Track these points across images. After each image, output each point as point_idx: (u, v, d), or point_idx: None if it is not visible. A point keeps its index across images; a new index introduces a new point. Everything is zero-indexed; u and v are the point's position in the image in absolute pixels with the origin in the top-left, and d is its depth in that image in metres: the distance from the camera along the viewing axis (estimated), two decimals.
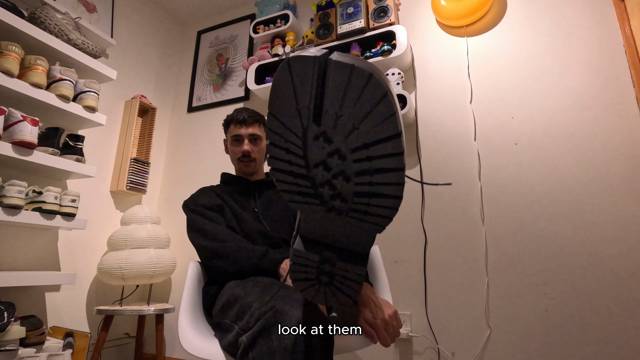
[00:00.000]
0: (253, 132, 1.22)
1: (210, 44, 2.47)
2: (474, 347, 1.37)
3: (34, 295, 1.56)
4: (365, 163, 0.44)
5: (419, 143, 1.66)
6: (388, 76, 1.65)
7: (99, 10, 1.99)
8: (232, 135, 1.23)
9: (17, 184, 1.31)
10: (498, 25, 1.64)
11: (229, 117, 1.26)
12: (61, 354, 1.36)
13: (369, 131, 0.42)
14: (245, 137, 1.21)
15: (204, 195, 1.17)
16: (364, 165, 0.45)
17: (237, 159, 1.23)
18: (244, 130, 1.21)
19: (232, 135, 1.23)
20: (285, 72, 0.42)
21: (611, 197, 1.30)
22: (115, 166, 1.97)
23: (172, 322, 1.97)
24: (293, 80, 0.42)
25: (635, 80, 1.32)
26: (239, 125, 1.21)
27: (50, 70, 1.47)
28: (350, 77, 0.39)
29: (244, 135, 1.21)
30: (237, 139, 1.22)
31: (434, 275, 1.50)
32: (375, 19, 1.76)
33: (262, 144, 1.26)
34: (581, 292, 1.27)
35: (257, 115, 1.25)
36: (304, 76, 0.41)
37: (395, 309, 0.87)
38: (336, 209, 0.50)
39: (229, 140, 1.26)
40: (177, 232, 2.13)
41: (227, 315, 0.85)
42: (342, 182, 0.47)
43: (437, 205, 1.56)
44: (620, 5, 1.41)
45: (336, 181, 0.47)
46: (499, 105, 1.55)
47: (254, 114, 1.24)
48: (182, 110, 2.41)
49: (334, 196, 0.49)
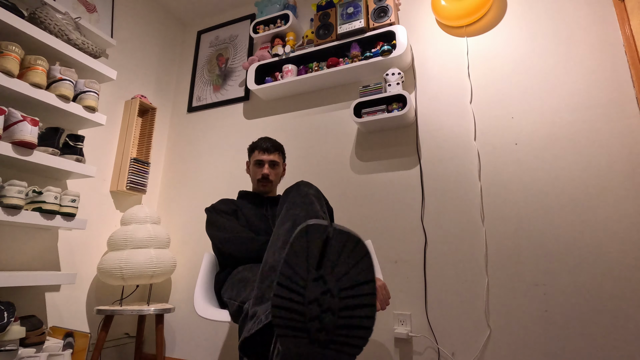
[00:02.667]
0: (273, 159, 1.46)
1: (210, 44, 2.47)
2: (474, 347, 1.37)
3: (34, 295, 1.56)
4: (350, 300, 0.59)
5: (419, 143, 1.66)
6: (388, 76, 1.66)
7: (99, 10, 1.99)
8: (255, 160, 1.47)
9: (17, 184, 1.31)
10: (498, 25, 1.64)
11: (254, 143, 1.49)
12: (61, 354, 1.36)
13: (355, 276, 0.59)
14: (266, 162, 1.45)
15: (222, 203, 1.38)
16: (348, 301, 0.59)
17: (257, 180, 1.46)
18: (265, 157, 1.45)
19: (256, 160, 1.47)
20: (302, 233, 0.59)
21: (611, 197, 1.30)
22: (115, 166, 1.97)
23: (172, 322, 1.97)
24: (308, 240, 0.59)
25: (635, 80, 1.32)
26: (262, 152, 1.45)
27: (50, 70, 1.47)
28: (347, 240, 0.59)
29: (265, 161, 1.45)
30: (259, 163, 1.46)
31: (434, 275, 1.50)
32: (375, 19, 1.76)
33: (279, 169, 1.50)
34: (581, 292, 1.27)
35: (278, 145, 1.49)
36: (316, 237, 0.59)
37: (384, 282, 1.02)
38: (319, 341, 0.61)
39: (252, 162, 1.49)
40: (177, 232, 2.13)
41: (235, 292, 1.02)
42: (329, 316, 0.60)
43: (437, 205, 1.56)
44: (620, 5, 1.41)
45: (324, 315, 0.60)
46: (499, 105, 1.55)
47: (276, 144, 1.48)
48: (182, 110, 2.41)
49: (320, 329, 0.60)
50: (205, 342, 1.86)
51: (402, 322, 1.49)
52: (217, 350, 1.82)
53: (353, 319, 0.60)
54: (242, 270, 1.13)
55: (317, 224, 0.59)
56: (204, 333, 1.87)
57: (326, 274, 0.59)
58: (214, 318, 1.07)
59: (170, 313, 1.98)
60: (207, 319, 1.06)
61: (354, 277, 0.59)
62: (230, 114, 2.21)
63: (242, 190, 1.52)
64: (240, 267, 1.16)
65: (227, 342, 1.82)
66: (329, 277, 0.59)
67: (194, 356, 1.86)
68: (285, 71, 1.92)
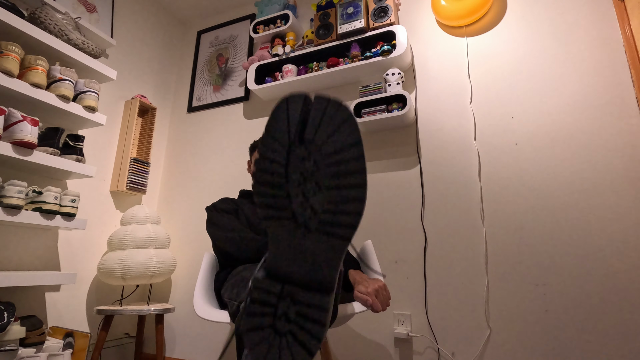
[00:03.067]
0: None
1: (210, 44, 2.47)
2: (474, 347, 1.37)
3: (34, 295, 1.56)
4: (334, 168, 0.53)
5: (419, 143, 1.66)
6: (388, 76, 1.66)
7: (99, 10, 1.99)
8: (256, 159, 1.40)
9: (17, 184, 1.31)
10: (498, 25, 1.64)
11: (256, 143, 1.47)
12: (61, 354, 1.36)
13: (338, 140, 0.54)
14: None
15: (223, 202, 1.37)
16: (333, 169, 0.53)
17: None
18: None
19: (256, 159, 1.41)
20: (283, 103, 0.56)
21: (611, 197, 1.30)
22: (115, 166, 1.97)
23: (172, 322, 1.97)
24: (288, 109, 0.55)
25: (635, 80, 1.32)
26: None
27: (50, 70, 1.47)
28: (327, 104, 0.54)
29: None
30: None
31: (434, 275, 1.50)
32: (375, 19, 1.76)
33: None
34: (581, 292, 1.27)
35: None
36: (296, 105, 0.55)
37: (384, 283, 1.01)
38: (305, 223, 0.55)
39: (253, 162, 1.46)
40: (177, 232, 2.13)
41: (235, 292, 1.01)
42: (314, 188, 0.54)
43: (437, 205, 1.56)
44: (620, 5, 1.41)
45: (309, 187, 0.55)
46: (499, 105, 1.55)
47: None
48: (182, 110, 2.41)
49: (305, 206, 0.55)
50: (205, 342, 1.86)
51: (402, 322, 1.49)
52: (217, 350, 1.82)
53: (341, 190, 0.53)
54: (242, 270, 1.12)
55: (297, 94, 0.55)
56: (204, 333, 1.87)
57: (308, 139, 0.55)
58: (213, 319, 1.07)
59: (170, 313, 1.98)
60: (207, 319, 1.05)
61: (339, 140, 0.53)
62: (230, 114, 2.21)
63: (243, 190, 1.52)
64: (240, 267, 1.16)
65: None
66: (311, 145, 0.55)
67: (194, 356, 1.87)
68: (285, 71, 1.92)
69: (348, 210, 0.53)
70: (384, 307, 0.96)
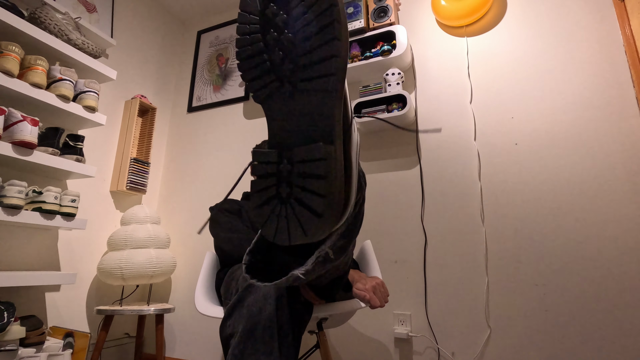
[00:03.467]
0: None
1: (210, 43, 2.47)
2: (474, 347, 1.37)
3: (34, 295, 1.56)
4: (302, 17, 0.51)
5: (419, 143, 1.66)
6: (388, 76, 1.65)
7: (99, 10, 1.99)
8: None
9: (17, 184, 1.31)
10: (498, 25, 1.64)
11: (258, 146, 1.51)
12: (61, 354, 1.36)
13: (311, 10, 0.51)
14: None
15: (226, 203, 1.39)
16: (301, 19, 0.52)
17: None
18: None
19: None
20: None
21: (611, 197, 1.30)
22: (115, 166, 1.97)
23: (172, 322, 1.97)
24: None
25: (635, 80, 1.32)
26: None
27: (50, 70, 1.47)
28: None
29: None
30: None
31: (434, 275, 1.50)
32: (375, 19, 1.76)
33: None
34: (581, 292, 1.27)
35: None
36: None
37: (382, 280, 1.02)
38: (289, 80, 0.54)
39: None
40: (177, 232, 2.13)
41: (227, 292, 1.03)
42: (289, 41, 0.53)
43: (437, 205, 1.56)
44: (620, 5, 1.41)
45: (285, 42, 0.53)
46: (499, 105, 1.55)
47: None
48: (182, 110, 2.41)
49: (284, 61, 0.53)
50: (205, 342, 1.86)
51: (402, 322, 1.49)
52: (217, 350, 1.82)
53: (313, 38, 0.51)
54: (236, 268, 1.13)
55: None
56: (204, 333, 1.87)
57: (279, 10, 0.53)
58: (214, 315, 1.08)
59: (170, 313, 1.98)
60: (207, 315, 1.06)
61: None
62: (230, 114, 2.21)
63: (246, 192, 1.53)
64: (235, 266, 1.16)
65: None
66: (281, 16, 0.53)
67: (194, 356, 1.86)
68: None
69: (323, 56, 0.50)
70: (382, 303, 0.97)
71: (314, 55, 0.51)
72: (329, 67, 0.51)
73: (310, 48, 0.51)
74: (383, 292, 0.99)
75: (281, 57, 0.53)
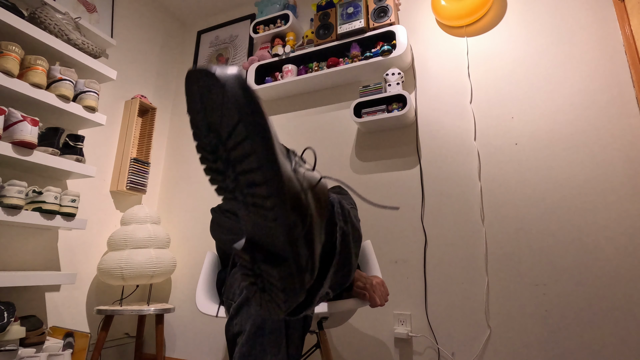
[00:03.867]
0: None
1: (210, 43, 2.47)
2: (474, 347, 1.37)
3: (34, 295, 1.56)
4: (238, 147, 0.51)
5: (419, 143, 1.66)
6: (388, 76, 1.66)
7: (99, 10, 1.99)
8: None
9: (17, 184, 1.31)
10: (498, 25, 1.64)
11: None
12: (61, 354, 1.36)
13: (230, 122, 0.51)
14: None
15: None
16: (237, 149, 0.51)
17: None
18: None
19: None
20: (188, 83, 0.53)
21: (611, 197, 1.30)
22: (115, 166, 1.97)
23: (172, 322, 1.97)
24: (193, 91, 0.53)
25: (635, 80, 1.32)
26: None
27: (50, 70, 1.47)
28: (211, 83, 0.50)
29: None
30: None
31: (434, 275, 1.50)
32: (375, 19, 1.76)
33: None
34: (581, 292, 1.27)
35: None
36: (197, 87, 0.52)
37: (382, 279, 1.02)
38: (240, 198, 0.55)
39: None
40: (177, 232, 2.13)
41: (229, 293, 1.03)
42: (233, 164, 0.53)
43: (437, 205, 1.56)
44: (620, 5, 1.41)
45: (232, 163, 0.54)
46: (499, 105, 1.55)
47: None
48: (182, 110, 2.41)
49: (234, 181, 0.54)
50: (205, 342, 1.86)
51: (402, 322, 1.49)
52: (217, 350, 1.82)
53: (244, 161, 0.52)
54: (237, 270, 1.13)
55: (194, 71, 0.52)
56: (204, 333, 1.87)
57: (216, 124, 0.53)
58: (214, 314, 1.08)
59: (170, 313, 1.98)
60: (208, 315, 1.07)
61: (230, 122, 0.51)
62: None
63: None
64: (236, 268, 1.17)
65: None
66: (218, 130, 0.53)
67: (194, 356, 1.86)
68: (285, 71, 1.92)
69: (258, 181, 0.51)
70: (382, 302, 0.98)
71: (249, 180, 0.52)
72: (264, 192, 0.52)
73: (244, 172, 0.52)
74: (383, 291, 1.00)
75: (233, 178, 0.54)
